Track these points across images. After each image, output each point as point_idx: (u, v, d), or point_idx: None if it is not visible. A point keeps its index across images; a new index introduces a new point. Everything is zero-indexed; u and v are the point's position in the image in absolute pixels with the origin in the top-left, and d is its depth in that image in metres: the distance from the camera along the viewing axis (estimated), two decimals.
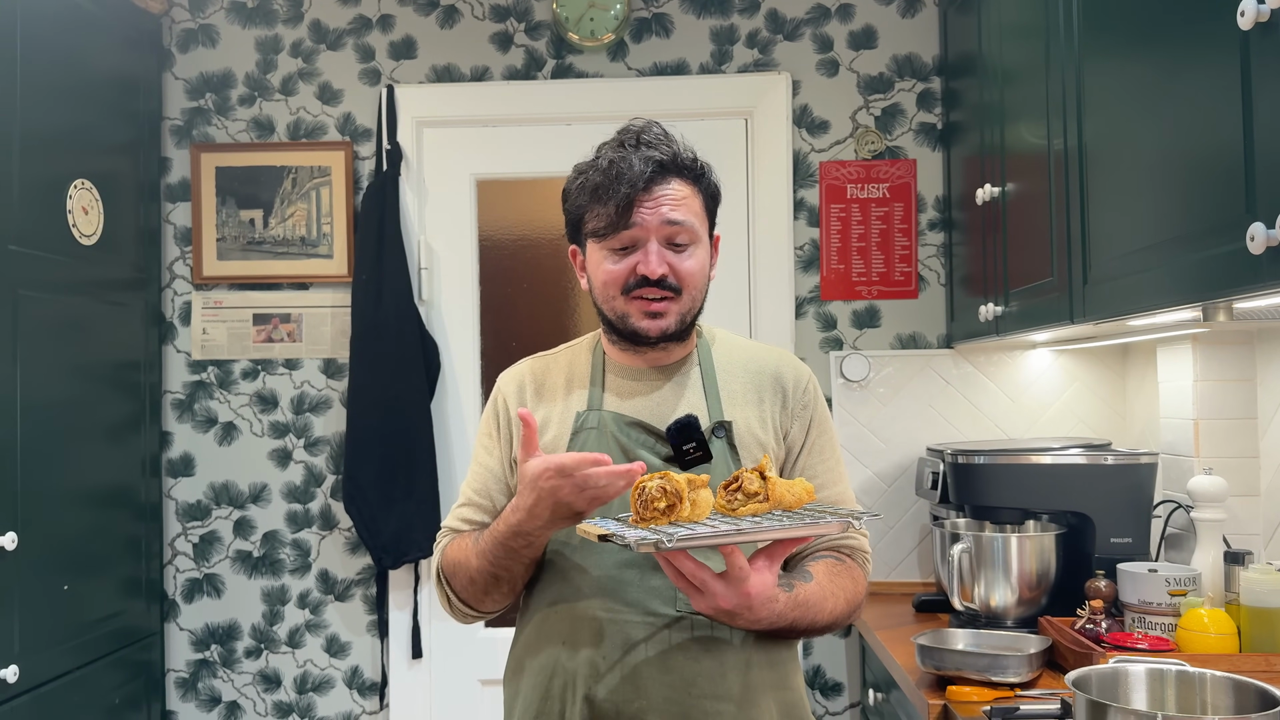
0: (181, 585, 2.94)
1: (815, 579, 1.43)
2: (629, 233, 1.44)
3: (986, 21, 2.38)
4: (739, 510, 1.30)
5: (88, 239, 2.53)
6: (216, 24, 2.97)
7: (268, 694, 2.92)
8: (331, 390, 2.93)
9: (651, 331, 1.47)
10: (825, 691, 2.84)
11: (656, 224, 1.44)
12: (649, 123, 1.51)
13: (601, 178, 1.45)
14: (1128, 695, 1.43)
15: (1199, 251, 1.33)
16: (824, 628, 1.44)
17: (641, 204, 1.44)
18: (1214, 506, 1.99)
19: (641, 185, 1.43)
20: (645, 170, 1.43)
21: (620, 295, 1.47)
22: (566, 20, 2.85)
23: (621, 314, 1.48)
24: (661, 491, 1.25)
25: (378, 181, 2.85)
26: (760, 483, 1.31)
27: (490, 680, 2.84)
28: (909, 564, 2.81)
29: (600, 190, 1.45)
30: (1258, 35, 1.17)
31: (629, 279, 1.45)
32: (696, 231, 1.48)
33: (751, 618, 1.31)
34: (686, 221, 1.46)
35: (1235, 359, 2.16)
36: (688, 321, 1.50)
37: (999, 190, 2.28)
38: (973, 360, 2.81)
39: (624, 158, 1.45)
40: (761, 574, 1.29)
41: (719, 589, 1.27)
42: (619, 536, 1.20)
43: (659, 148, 1.47)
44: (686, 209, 1.47)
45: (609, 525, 1.27)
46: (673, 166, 1.46)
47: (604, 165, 1.46)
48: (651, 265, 1.44)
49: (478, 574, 1.46)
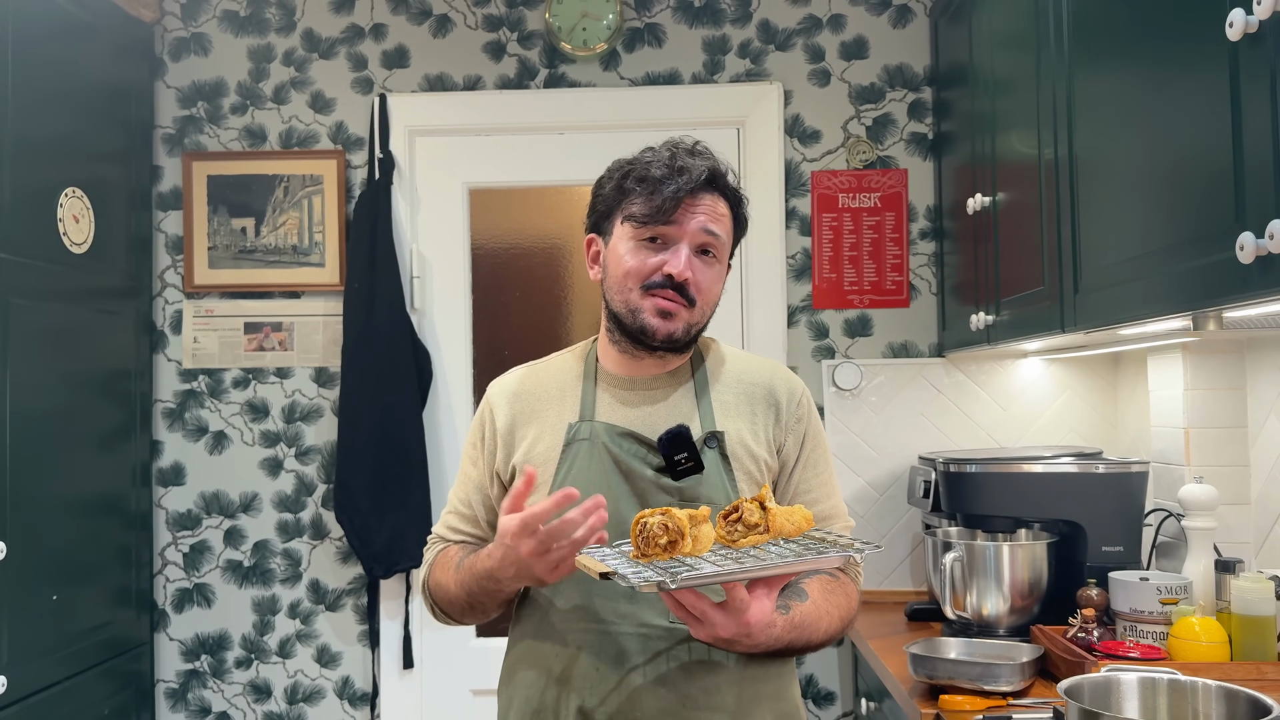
0: (171, 595, 2.92)
1: (811, 598, 1.43)
2: (668, 228, 1.46)
3: (977, 32, 2.39)
4: (739, 542, 1.30)
5: (78, 247, 2.53)
6: (209, 32, 2.97)
7: (258, 704, 2.90)
8: (323, 399, 2.92)
9: (659, 332, 1.47)
10: (818, 701, 2.84)
11: (695, 229, 1.46)
12: (696, 141, 1.54)
13: (662, 169, 1.47)
14: (1120, 704, 1.43)
15: (1189, 261, 1.34)
16: (819, 645, 1.44)
17: (687, 205, 1.46)
18: (1205, 515, 1.99)
19: (697, 186, 1.46)
20: (699, 176, 1.46)
21: (638, 288, 1.47)
22: (559, 30, 2.85)
23: (634, 307, 1.48)
24: (664, 529, 1.25)
25: (370, 190, 2.85)
26: (760, 514, 1.31)
27: (481, 690, 2.83)
28: (901, 573, 2.81)
29: (653, 181, 1.46)
30: (1246, 46, 1.18)
31: (652, 274, 1.46)
32: (724, 249, 1.51)
33: (750, 644, 1.31)
34: (721, 237, 1.49)
35: (1225, 368, 2.17)
36: (693, 334, 1.50)
37: (990, 200, 2.29)
38: (964, 369, 2.82)
39: (683, 162, 1.47)
40: (760, 602, 1.29)
41: (719, 619, 1.26)
42: (621, 576, 1.21)
43: (710, 162, 1.50)
44: (723, 226, 1.50)
45: (610, 562, 1.27)
46: (722, 184, 1.51)
47: (665, 157, 1.48)
48: (680, 265, 1.45)
49: (455, 598, 1.49)
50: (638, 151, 1.54)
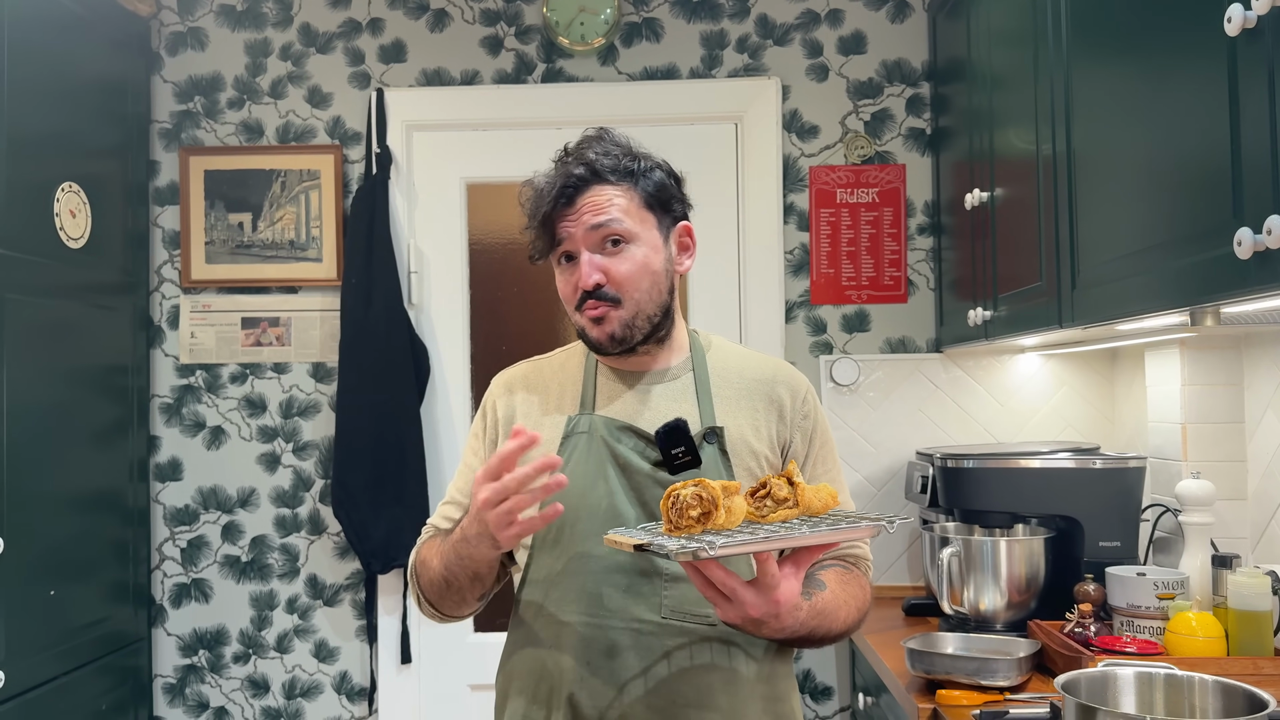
0: (169, 590, 2.92)
1: (829, 587, 1.43)
2: (565, 245, 1.47)
3: (976, 27, 2.39)
4: (769, 517, 1.28)
5: (75, 242, 2.52)
6: (205, 27, 2.96)
7: (256, 699, 2.91)
8: (320, 394, 2.92)
9: (600, 338, 1.47)
10: (815, 695, 2.84)
11: (581, 233, 1.45)
12: (593, 135, 1.53)
13: (529, 204, 1.50)
14: (1116, 698, 1.43)
15: (1187, 256, 1.34)
16: (838, 636, 1.43)
17: (564, 217, 1.46)
18: (1202, 510, 2.00)
19: (563, 201, 1.46)
20: (556, 185, 1.46)
21: (576, 310, 1.49)
22: (557, 24, 2.85)
23: (580, 329, 1.50)
24: (697, 499, 1.22)
25: (367, 185, 2.85)
26: (789, 489, 1.29)
27: (479, 685, 2.83)
28: (898, 568, 2.81)
29: (531, 216, 1.49)
30: (1244, 41, 1.18)
31: (575, 295, 1.47)
32: (629, 229, 1.46)
33: (777, 626, 1.28)
34: (612, 221, 1.45)
35: (1223, 363, 2.17)
36: (639, 325, 1.48)
37: (988, 195, 2.29)
38: (962, 364, 2.82)
39: (548, 180, 1.49)
40: (789, 581, 1.26)
41: (749, 597, 1.24)
42: (658, 545, 1.18)
43: (584, 158, 1.48)
44: (614, 209, 1.46)
45: (640, 536, 1.24)
46: (591, 176, 1.47)
47: (529, 193, 1.51)
48: (581, 276, 1.45)
49: (435, 575, 1.48)
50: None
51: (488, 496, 1.27)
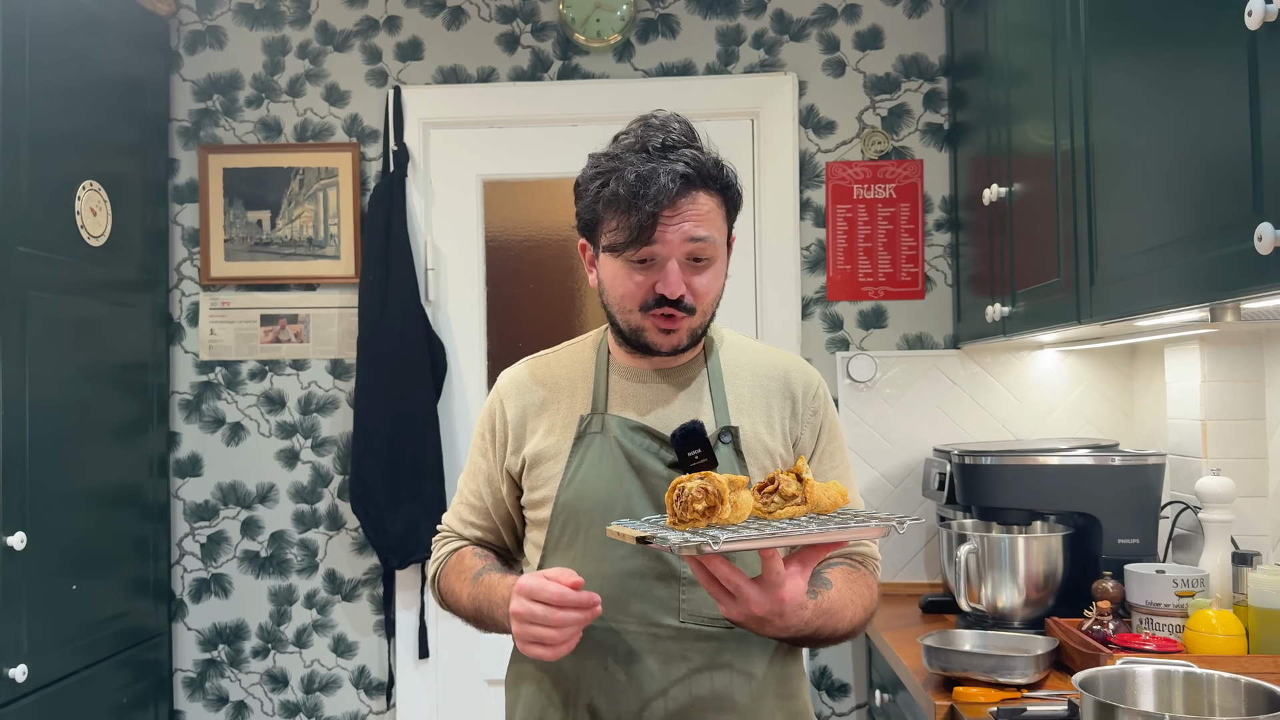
0: (189, 585, 2.94)
1: (836, 586, 1.41)
2: (651, 248, 1.37)
3: (993, 22, 2.38)
4: (776, 513, 1.26)
5: (96, 240, 2.54)
6: (224, 25, 2.98)
7: (275, 694, 2.93)
8: (338, 391, 2.93)
9: (664, 347, 1.44)
10: (832, 692, 2.84)
11: (679, 241, 1.37)
12: (669, 120, 1.42)
13: (625, 190, 1.36)
14: (1135, 696, 1.43)
15: (1207, 252, 1.33)
16: (843, 636, 1.42)
17: (665, 221, 1.36)
18: (1222, 507, 1.98)
19: (667, 202, 1.35)
20: (672, 187, 1.35)
21: (636, 310, 1.42)
22: (573, 21, 2.85)
23: (636, 328, 1.44)
24: (703, 493, 1.21)
25: (384, 182, 2.86)
26: (797, 485, 1.27)
27: (496, 680, 2.84)
28: (915, 565, 2.81)
29: (622, 203, 1.36)
30: (1265, 35, 1.17)
31: (647, 297, 1.40)
32: (718, 247, 1.42)
33: (782, 624, 1.27)
34: (710, 238, 1.39)
35: (1243, 359, 2.16)
36: (699, 335, 1.47)
37: (1006, 191, 2.28)
38: (980, 361, 2.81)
39: (651, 171, 1.35)
40: (795, 579, 1.25)
41: (753, 594, 1.23)
42: (660, 539, 1.16)
43: (685, 156, 1.38)
44: (710, 224, 1.39)
45: (645, 528, 1.23)
46: (698, 180, 1.38)
47: (630, 178, 1.36)
48: (671, 286, 1.38)
49: (464, 609, 1.51)
50: (609, 144, 1.43)
51: (519, 611, 1.29)
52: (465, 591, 1.49)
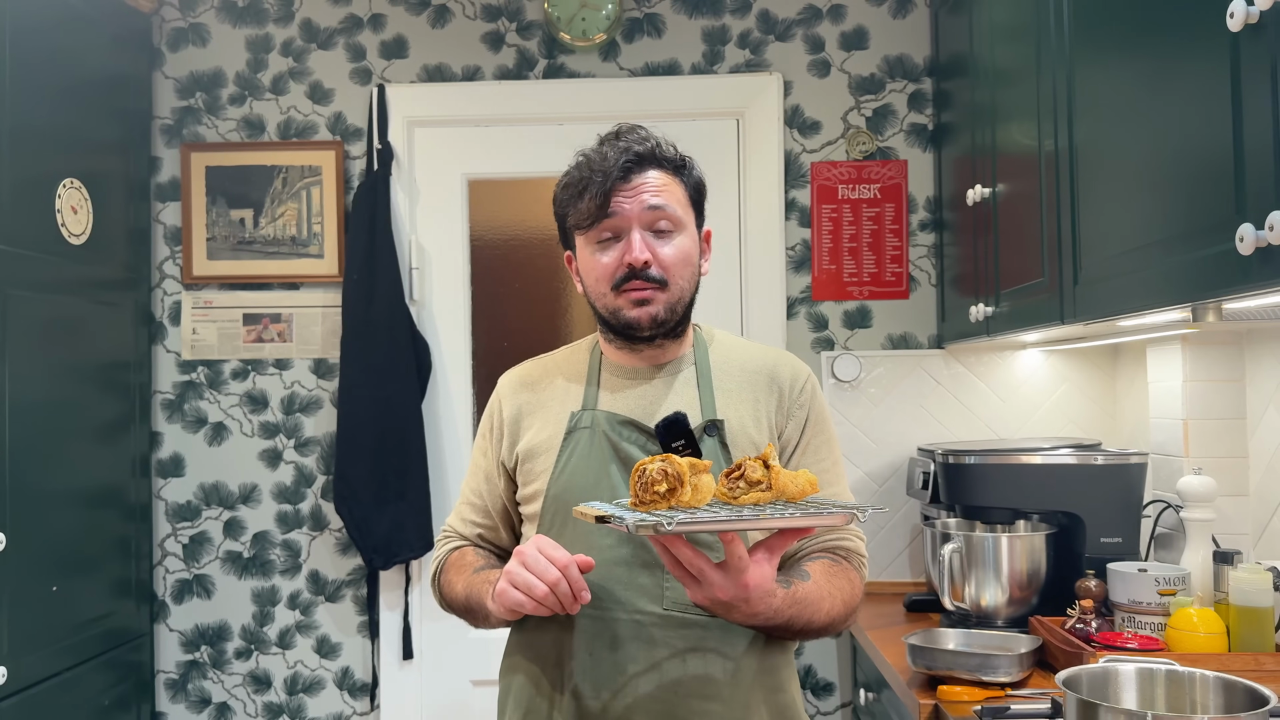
0: (171, 586, 2.92)
1: (813, 578, 1.42)
2: (611, 221, 1.46)
3: (978, 23, 2.39)
4: (741, 499, 1.26)
5: (77, 238, 2.52)
6: (207, 23, 2.96)
7: (258, 695, 2.91)
8: (322, 390, 2.92)
9: (642, 319, 1.47)
10: (816, 691, 2.84)
11: (638, 211, 1.46)
12: (633, 125, 1.54)
13: (580, 172, 1.48)
14: (1118, 695, 1.43)
15: (1189, 252, 1.34)
16: (820, 629, 1.43)
17: (620, 192, 1.46)
18: (1203, 506, 1.99)
19: (618, 174, 1.46)
20: (620, 159, 1.46)
21: (610, 291, 1.48)
22: (558, 20, 2.85)
23: (613, 308, 1.49)
24: (663, 474, 1.22)
25: (369, 181, 2.85)
26: (764, 471, 1.27)
27: (481, 681, 2.84)
28: (900, 564, 2.81)
29: (579, 184, 1.48)
30: (1247, 37, 1.17)
31: (617, 272, 1.47)
32: (680, 218, 1.49)
33: (749, 610, 1.28)
34: (667, 206, 1.47)
35: (1224, 359, 2.17)
36: (678, 312, 1.50)
37: (990, 191, 2.29)
38: (964, 360, 2.82)
39: (600, 152, 1.49)
40: (760, 566, 1.26)
41: (717, 579, 1.24)
42: (617, 519, 1.18)
43: (634, 139, 1.49)
44: (668, 195, 1.48)
45: (606, 508, 1.24)
46: (650, 158, 1.49)
47: (582, 162, 1.50)
48: (635, 251, 1.45)
49: (456, 596, 1.53)
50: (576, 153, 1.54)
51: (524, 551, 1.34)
52: (461, 582, 1.52)
